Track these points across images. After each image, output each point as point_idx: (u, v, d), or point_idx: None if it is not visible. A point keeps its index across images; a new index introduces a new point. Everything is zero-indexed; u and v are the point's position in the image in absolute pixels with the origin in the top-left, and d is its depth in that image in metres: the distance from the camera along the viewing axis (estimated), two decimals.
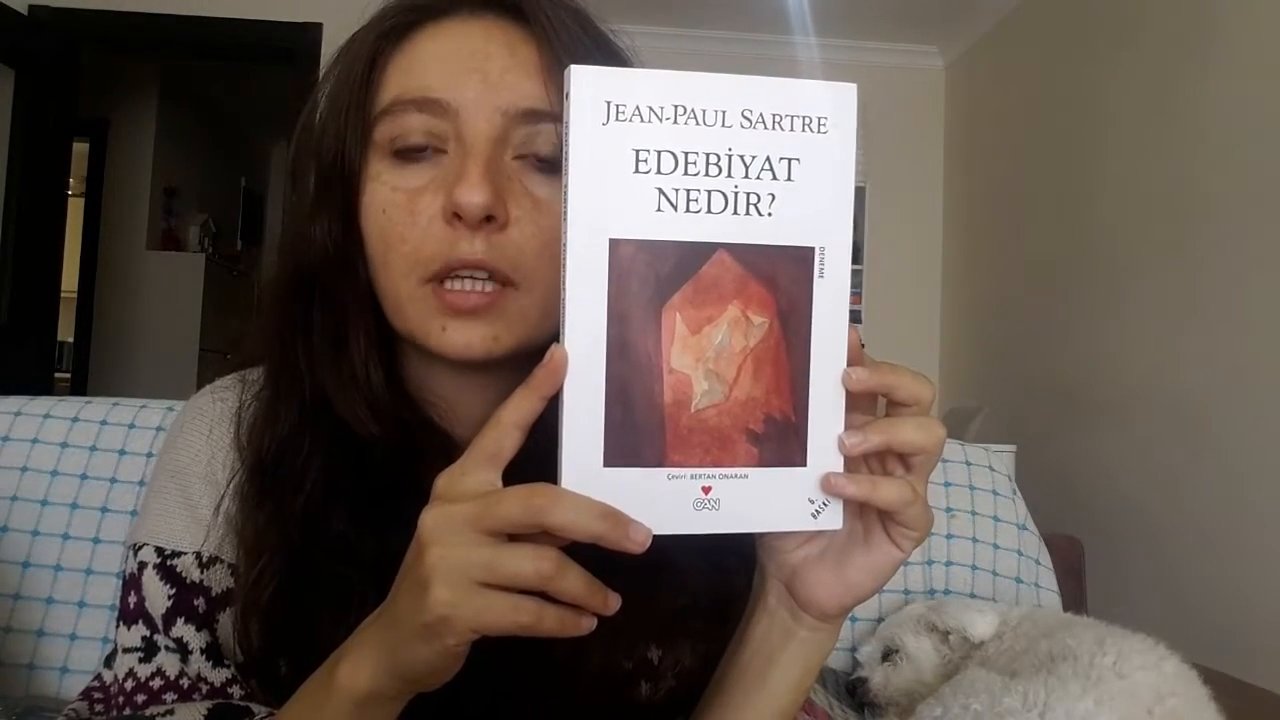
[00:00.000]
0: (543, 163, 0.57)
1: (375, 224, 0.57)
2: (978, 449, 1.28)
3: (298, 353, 0.61)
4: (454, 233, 0.55)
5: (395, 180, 0.57)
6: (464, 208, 0.53)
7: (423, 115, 0.56)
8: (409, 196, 0.56)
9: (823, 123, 0.45)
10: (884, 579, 0.50)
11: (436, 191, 0.56)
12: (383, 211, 0.57)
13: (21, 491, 1.05)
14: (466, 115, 0.56)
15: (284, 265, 0.64)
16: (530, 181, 0.57)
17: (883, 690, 1.12)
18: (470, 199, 0.53)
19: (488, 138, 0.56)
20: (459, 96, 0.56)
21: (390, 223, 0.57)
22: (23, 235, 3.46)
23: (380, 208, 0.57)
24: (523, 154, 0.57)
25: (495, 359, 0.57)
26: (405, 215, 0.56)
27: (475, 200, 0.53)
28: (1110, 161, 2.93)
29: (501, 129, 0.56)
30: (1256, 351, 2.24)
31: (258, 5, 3.53)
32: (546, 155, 0.57)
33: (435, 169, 0.56)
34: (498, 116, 0.56)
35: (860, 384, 0.46)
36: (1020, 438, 2.92)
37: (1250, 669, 1.33)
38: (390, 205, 0.57)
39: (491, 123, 0.56)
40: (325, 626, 0.55)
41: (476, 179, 0.54)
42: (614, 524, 0.42)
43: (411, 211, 0.56)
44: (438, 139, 0.57)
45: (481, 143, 0.56)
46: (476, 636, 0.43)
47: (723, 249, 0.44)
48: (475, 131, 0.56)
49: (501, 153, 0.56)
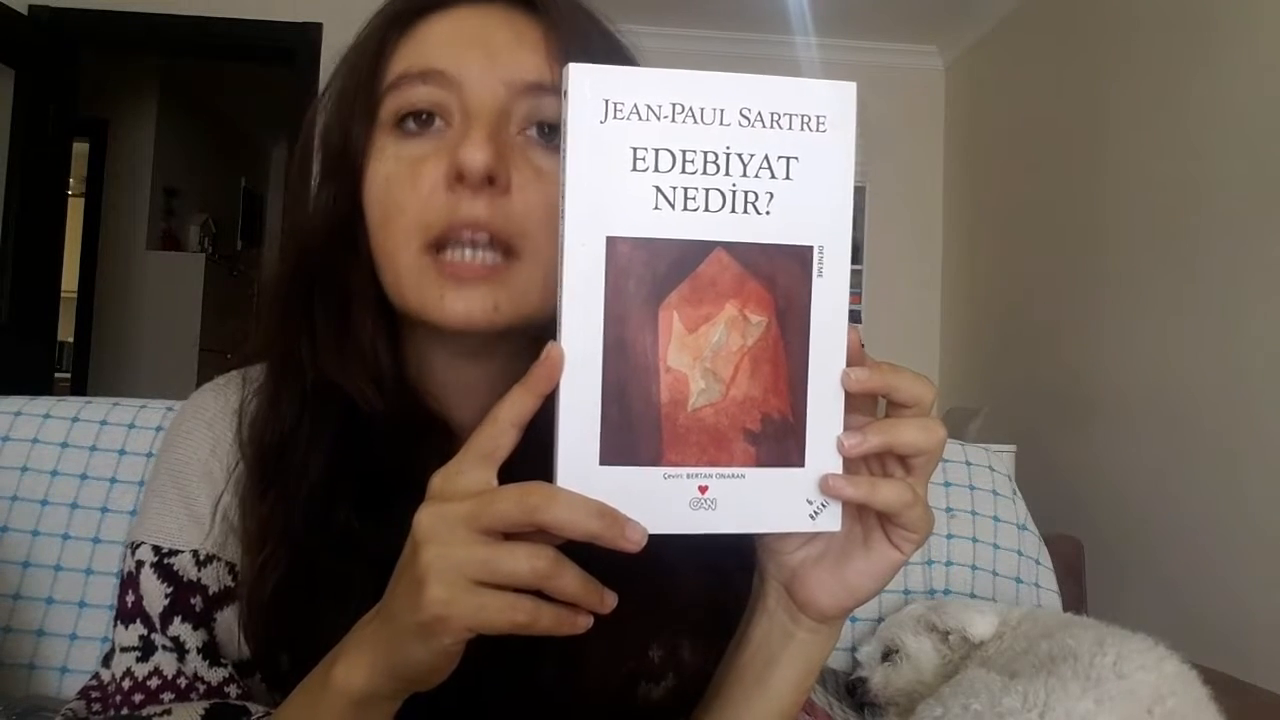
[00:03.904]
0: (546, 136, 0.57)
1: (378, 194, 0.58)
2: (978, 449, 1.28)
3: (299, 341, 0.61)
4: (455, 197, 0.55)
5: (399, 152, 0.57)
6: (466, 166, 0.53)
7: (427, 86, 0.57)
8: (411, 166, 0.56)
9: (822, 121, 0.45)
10: (884, 581, 0.50)
11: (439, 160, 0.56)
12: (385, 180, 0.57)
13: (21, 491, 1.05)
14: (470, 87, 0.56)
15: (287, 254, 0.64)
16: (534, 153, 0.57)
17: (883, 690, 1.12)
18: (472, 157, 0.53)
19: (491, 108, 0.56)
20: (463, 69, 0.56)
21: (391, 191, 0.57)
22: (23, 235, 3.46)
23: (383, 178, 0.57)
24: (526, 129, 0.57)
25: (495, 330, 0.56)
26: (407, 184, 0.56)
27: (477, 158, 0.53)
28: (1110, 162, 2.93)
29: (505, 101, 0.56)
30: (1256, 352, 2.24)
31: (258, 5, 3.53)
32: (550, 132, 0.57)
33: (439, 141, 0.57)
34: (501, 88, 0.56)
35: (860, 384, 0.46)
36: (1020, 438, 2.92)
37: (1250, 669, 1.33)
38: (393, 175, 0.57)
39: (495, 94, 0.56)
40: (327, 618, 0.55)
41: (479, 140, 0.54)
42: (610, 523, 0.42)
43: (413, 180, 0.56)
44: (442, 110, 0.57)
45: (485, 111, 0.56)
46: (472, 635, 0.43)
47: (720, 247, 0.44)
48: (478, 101, 0.56)
49: (505, 124, 0.56)
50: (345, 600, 0.55)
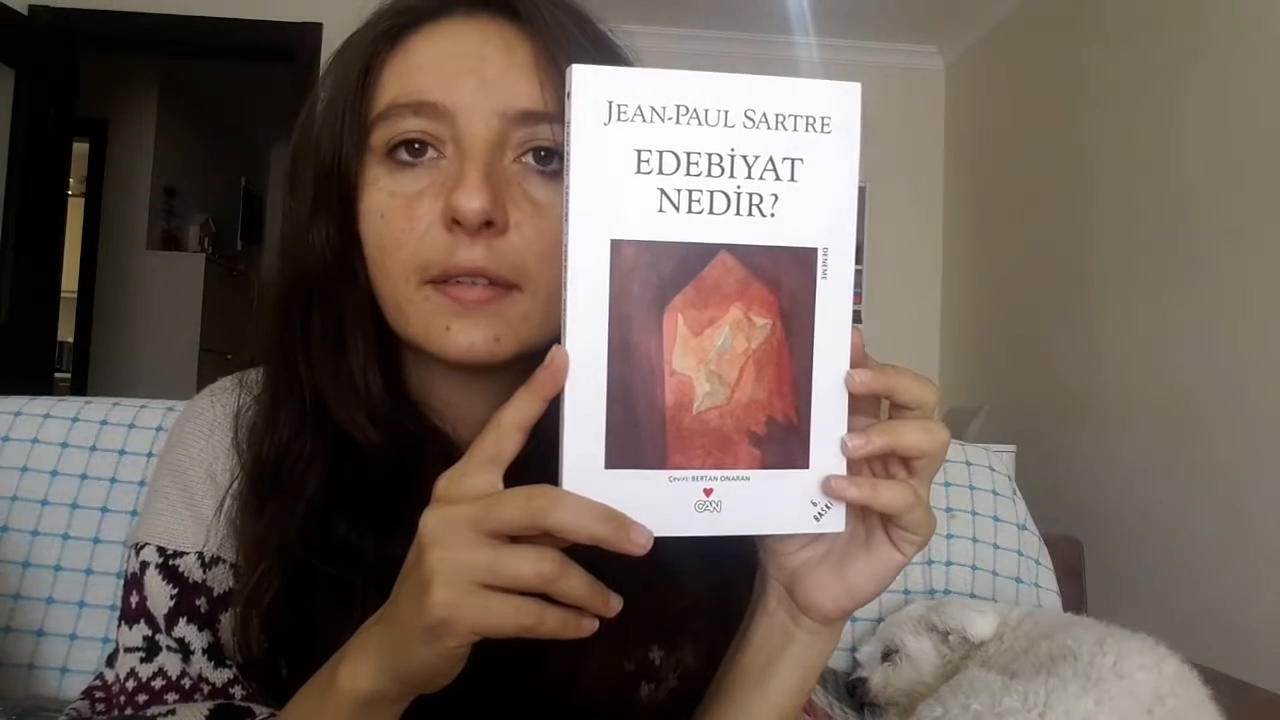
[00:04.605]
0: (542, 165, 0.56)
1: (373, 230, 0.57)
2: (978, 449, 1.29)
3: (297, 359, 0.61)
4: (453, 239, 0.54)
5: (392, 185, 0.56)
6: (462, 213, 0.53)
7: (419, 119, 0.56)
8: (406, 202, 0.55)
9: (826, 122, 0.45)
10: (885, 583, 0.50)
11: (435, 197, 0.55)
12: (380, 217, 0.56)
13: (21, 491, 1.05)
14: (463, 118, 0.55)
15: (283, 271, 0.63)
16: (530, 184, 0.56)
17: (883, 690, 1.12)
18: (469, 205, 0.52)
19: (485, 141, 0.55)
20: (455, 99, 0.55)
21: (388, 228, 0.56)
22: (23, 235, 3.45)
23: (378, 213, 0.56)
24: (521, 157, 0.56)
25: (497, 362, 0.56)
26: (403, 221, 0.55)
27: (474, 206, 0.52)
28: (1110, 162, 2.93)
29: (499, 132, 0.55)
30: (1256, 352, 2.24)
31: (258, 5, 3.53)
32: (545, 157, 0.56)
33: (433, 173, 0.56)
34: (495, 119, 0.55)
35: (863, 386, 0.46)
36: (1020, 438, 2.92)
37: (1250, 669, 1.33)
38: (388, 211, 0.56)
39: (489, 125, 0.55)
40: (326, 630, 0.55)
41: (475, 184, 0.53)
42: (615, 526, 0.42)
43: (409, 217, 0.55)
44: (435, 142, 0.56)
45: (479, 146, 0.55)
46: (477, 638, 0.43)
47: (725, 250, 0.44)
48: (472, 134, 0.55)
49: (500, 156, 0.56)
50: (344, 614, 0.55)
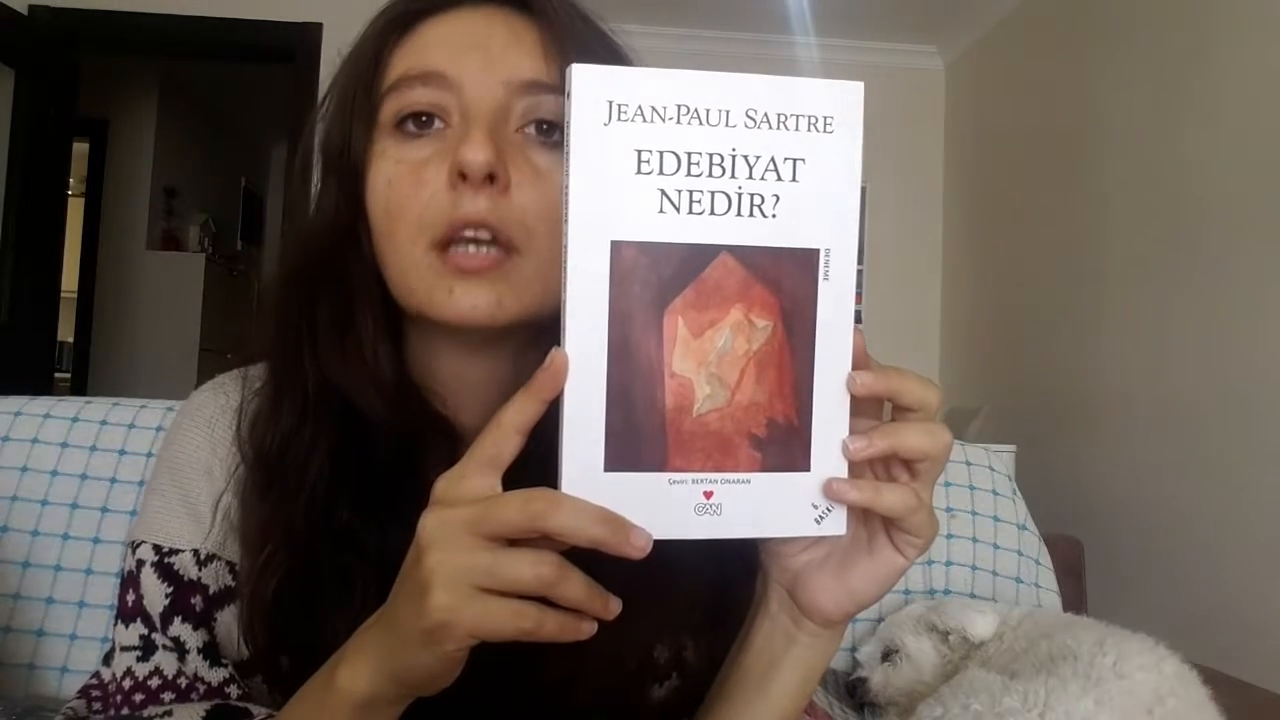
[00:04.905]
0: (544, 134, 0.58)
1: (380, 196, 0.58)
2: (978, 449, 1.28)
3: (301, 343, 0.61)
4: (456, 195, 0.55)
5: (400, 154, 0.58)
6: (467, 164, 0.54)
7: (427, 89, 0.57)
8: (413, 168, 0.57)
9: (828, 122, 0.44)
10: (887, 586, 0.50)
11: (441, 161, 0.56)
12: (388, 183, 0.58)
13: (21, 491, 1.05)
14: (469, 88, 0.57)
15: (288, 257, 0.65)
16: (532, 152, 0.57)
17: (883, 690, 1.12)
18: (474, 157, 0.54)
19: (489, 107, 0.57)
20: (461, 71, 0.57)
21: (395, 193, 0.57)
22: (23, 235, 3.45)
23: (385, 180, 0.58)
24: (524, 127, 0.58)
25: (499, 326, 0.57)
26: (410, 186, 0.57)
27: (478, 157, 0.54)
28: (1110, 162, 2.93)
29: (503, 100, 0.57)
30: (1256, 352, 2.24)
31: (258, 5, 3.53)
32: (548, 130, 0.58)
33: (439, 143, 0.57)
34: (499, 88, 0.57)
35: (865, 389, 0.46)
36: (1020, 438, 2.92)
37: (1250, 669, 1.33)
38: (395, 177, 0.57)
39: (493, 94, 0.57)
40: (329, 620, 0.55)
41: (479, 139, 0.55)
42: (614, 529, 0.42)
43: (416, 182, 0.56)
44: (441, 111, 0.57)
45: (484, 111, 0.57)
46: (476, 642, 0.43)
47: (726, 251, 0.44)
48: (477, 101, 0.57)
49: (504, 123, 0.57)
50: (347, 600, 0.56)
